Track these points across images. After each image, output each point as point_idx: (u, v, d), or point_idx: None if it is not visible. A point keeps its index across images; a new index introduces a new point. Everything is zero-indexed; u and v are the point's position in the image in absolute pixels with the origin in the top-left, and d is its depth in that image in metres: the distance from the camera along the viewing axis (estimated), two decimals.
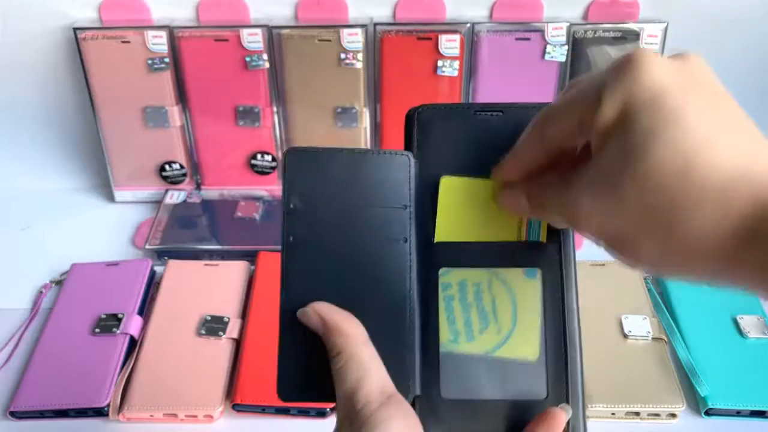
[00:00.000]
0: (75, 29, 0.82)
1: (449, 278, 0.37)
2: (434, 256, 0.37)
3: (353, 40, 0.82)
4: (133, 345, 0.70)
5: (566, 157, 0.32)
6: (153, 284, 0.78)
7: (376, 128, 0.88)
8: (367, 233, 0.36)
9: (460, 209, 0.38)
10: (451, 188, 0.38)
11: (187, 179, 0.92)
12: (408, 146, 0.39)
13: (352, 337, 0.34)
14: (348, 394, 0.32)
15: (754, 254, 0.25)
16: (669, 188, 0.26)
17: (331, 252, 0.36)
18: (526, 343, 0.36)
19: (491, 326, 0.37)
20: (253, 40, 0.82)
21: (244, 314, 0.73)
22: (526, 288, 0.37)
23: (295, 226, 0.37)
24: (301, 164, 0.37)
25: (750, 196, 0.25)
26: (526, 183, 0.34)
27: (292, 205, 0.37)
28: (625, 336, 0.68)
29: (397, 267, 0.36)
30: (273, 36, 0.82)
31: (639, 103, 0.26)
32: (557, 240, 0.37)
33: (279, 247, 0.37)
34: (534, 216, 0.36)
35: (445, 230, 0.38)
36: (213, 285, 0.76)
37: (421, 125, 0.39)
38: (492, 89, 0.85)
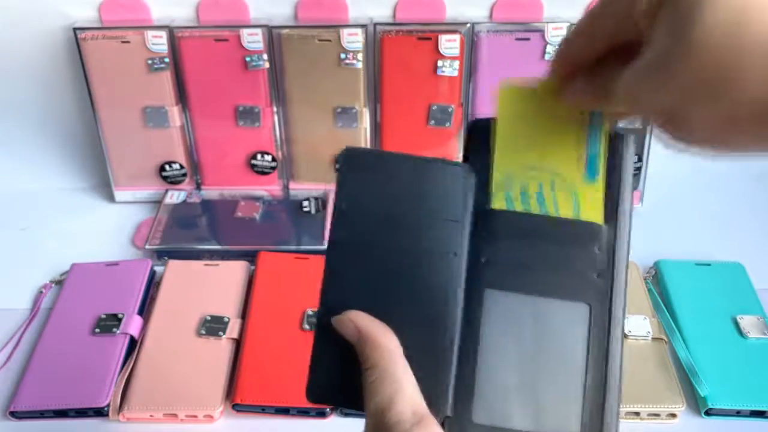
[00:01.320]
0: (75, 29, 0.82)
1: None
2: (481, 277, 0.36)
3: (353, 40, 0.82)
4: (133, 345, 0.70)
5: (624, 51, 0.30)
6: (153, 284, 0.78)
7: (376, 128, 0.88)
8: (416, 243, 0.36)
9: (518, 125, 0.36)
10: (508, 98, 0.37)
11: (187, 179, 0.92)
12: (466, 158, 0.38)
13: (387, 351, 0.33)
14: (379, 409, 0.32)
15: None
16: (720, 51, 0.25)
17: (376, 258, 0.36)
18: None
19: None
20: (253, 40, 0.82)
21: (244, 314, 0.73)
22: (570, 325, 0.36)
23: (341, 227, 0.36)
24: (355, 165, 0.36)
25: None
26: (587, 73, 0.33)
27: (341, 206, 0.36)
28: (626, 336, 0.68)
29: (444, 282, 0.36)
30: (273, 36, 0.82)
31: None
32: (609, 275, 0.36)
33: (278, 248, 0.37)
34: (596, 105, 0.34)
35: (504, 150, 0.36)
36: (213, 285, 0.76)
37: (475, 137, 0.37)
38: (492, 89, 0.85)
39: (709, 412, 0.64)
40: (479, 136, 0.38)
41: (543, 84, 0.36)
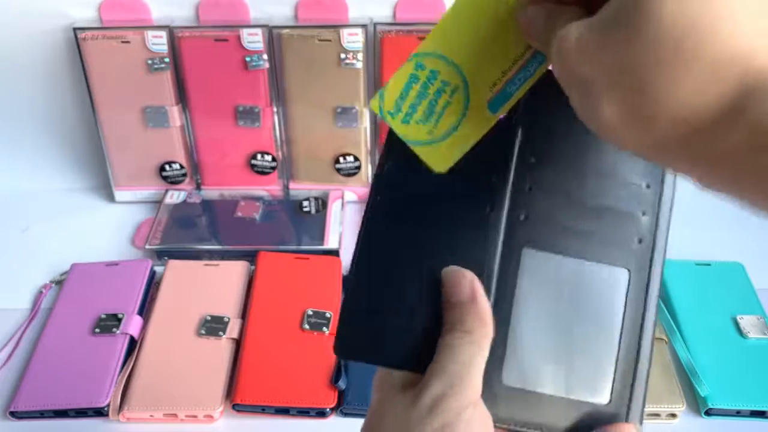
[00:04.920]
0: (75, 29, 0.82)
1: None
2: (519, 234, 0.35)
3: (353, 40, 0.82)
4: (133, 345, 0.70)
5: None
6: (153, 284, 0.78)
7: (376, 128, 0.88)
8: (453, 196, 0.35)
9: (467, 18, 0.34)
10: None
11: (187, 179, 0.92)
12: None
13: (487, 328, 0.32)
14: (454, 371, 0.31)
15: (729, 135, 0.23)
16: (662, 43, 0.24)
17: (415, 214, 0.35)
18: None
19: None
20: (253, 40, 0.82)
21: (244, 314, 0.73)
22: (608, 291, 0.35)
23: (384, 186, 0.36)
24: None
25: (743, 75, 0.23)
26: (549, 5, 0.31)
27: (388, 165, 0.36)
28: None
29: (478, 236, 0.35)
30: (273, 36, 0.82)
31: None
32: (650, 241, 0.36)
33: (278, 248, 0.37)
34: (541, 41, 0.32)
35: (442, 29, 0.34)
36: (213, 285, 0.76)
37: (535, 94, 0.36)
38: None
39: (709, 412, 0.64)
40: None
41: None
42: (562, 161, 0.36)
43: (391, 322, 0.34)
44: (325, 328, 0.70)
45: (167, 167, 0.91)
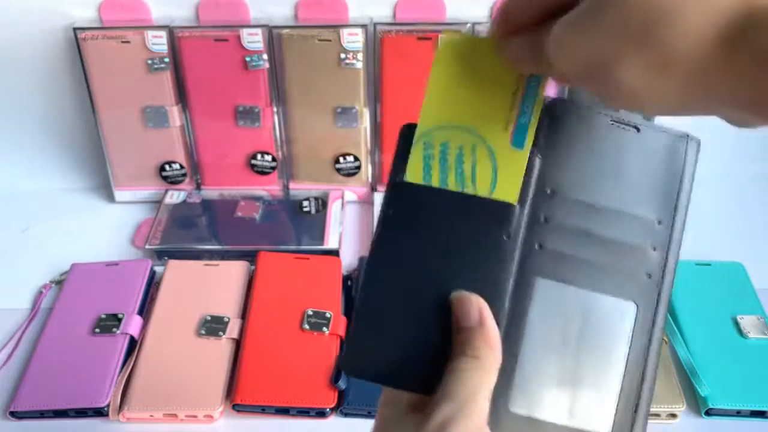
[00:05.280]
0: (75, 29, 0.82)
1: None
2: (533, 263, 0.36)
3: (353, 40, 0.82)
4: (133, 345, 0.70)
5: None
6: (153, 284, 0.78)
7: (376, 128, 0.88)
8: (470, 224, 0.35)
9: (453, 79, 0.35)
10: (448, 48, 0.35)
11: (187, 179, 0.92)
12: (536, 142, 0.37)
13: (495, 354, 0.33)
14: (462, 397, 0.31)
15: (738, 61, 0.24)
16: None
17: (430, 233, 0.35)
18: None
19: None
20: (253, 40, 0.82)
21: (244, 314, 0.73)
22: (615, 323, 0.36)
23: (397, 200, 0.35)
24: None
25: (736, 1, 0.24)
26: (527, 33, 0.32)
27: (397, 179, 0.36)
28: None
29: (495, 265, 0.35)
30: (273, 36, 0.82)
31: None
32: (659, 276, 0.36)
33: (278, 248, 0.37)
34: (533, 68, 0.33)
35: (433, 102, 0.35)
36: (213, 285, 0.76)
37: (551, 124, 0.37)
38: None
39: (709, 412, 0.64)
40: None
41: (484, 39, 0.35)
42: (577, 193, 0.37)
43: (400, 343, 0.34)
44: (325, 328, 0.70)
45: (167, 167, 0.91)
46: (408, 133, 0.36)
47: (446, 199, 0.35)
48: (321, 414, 0.65)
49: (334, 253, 0.81)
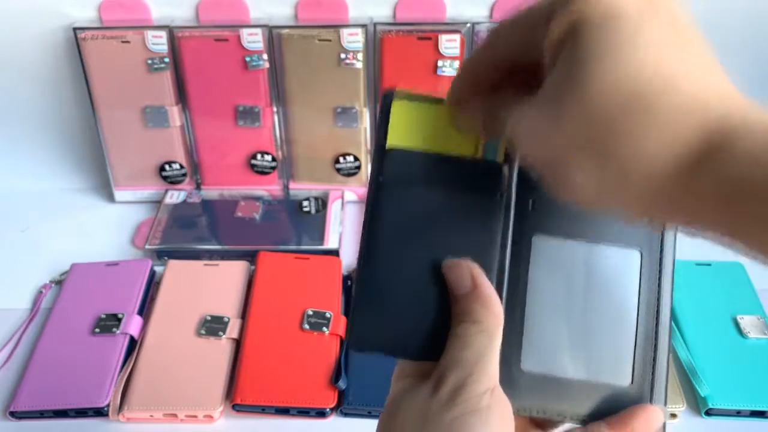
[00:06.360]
0: (75, 29, 0.82)
1: None
2: (529, 222, 0.35)
3: (353, 40, 0.82)
4: (133, 345, 0.70)
5: (528, 75, 0.29)
6: (153, 284, 0.78)
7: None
8: (458, 186, 0.34)
9: (413, 126, 0.35)
10: (402, 110, 0.35)
11: (187, 179, 0.92)
12: None
13: (495, 316, 0.32)
14: (467, 360, 0.31)
15: (698, 187, 0.24)
16: (614, 110, 0.24)
17: (420, 199, 0.34)
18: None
19: None
20: (253, 40, 0.82)
21: (244, 314, 0.73)
22: (621, 273, 0.35)
23: (388, 167, 0.35)
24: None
25: (703, 124, 0.23)
26: (484, 100, 0.32)
27: (387, 147, 0.35)
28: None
29: (489, 223, 0.34)
30: (273, 36, 0.82)
31: (592, 18, 0.25)
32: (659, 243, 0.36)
33: (278, 248, 0.36)
34: (486, 133, 0.33)
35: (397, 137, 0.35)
36: (213, 285, 0.76)
37: None
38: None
39: (709, 412, 0.64)
40: None
41: (438, 106, 0.35)
42: None
43: (404, 313, 0.34)
44: (325, 328, 0.69)
45: (167, 167, 0.91)
46: (391, 96, 0.35)
47: (433, 163, 0.34)
48: (321, 414, 0.65)
49: (334, 253, 0.81)
